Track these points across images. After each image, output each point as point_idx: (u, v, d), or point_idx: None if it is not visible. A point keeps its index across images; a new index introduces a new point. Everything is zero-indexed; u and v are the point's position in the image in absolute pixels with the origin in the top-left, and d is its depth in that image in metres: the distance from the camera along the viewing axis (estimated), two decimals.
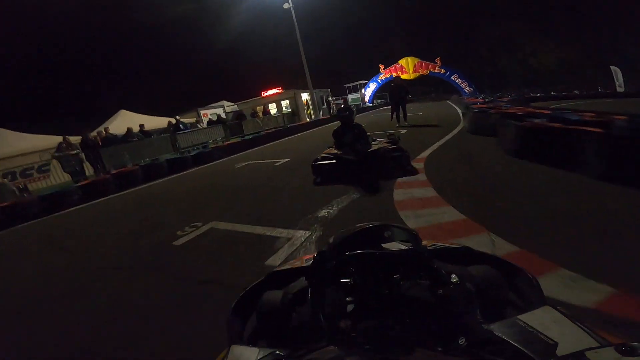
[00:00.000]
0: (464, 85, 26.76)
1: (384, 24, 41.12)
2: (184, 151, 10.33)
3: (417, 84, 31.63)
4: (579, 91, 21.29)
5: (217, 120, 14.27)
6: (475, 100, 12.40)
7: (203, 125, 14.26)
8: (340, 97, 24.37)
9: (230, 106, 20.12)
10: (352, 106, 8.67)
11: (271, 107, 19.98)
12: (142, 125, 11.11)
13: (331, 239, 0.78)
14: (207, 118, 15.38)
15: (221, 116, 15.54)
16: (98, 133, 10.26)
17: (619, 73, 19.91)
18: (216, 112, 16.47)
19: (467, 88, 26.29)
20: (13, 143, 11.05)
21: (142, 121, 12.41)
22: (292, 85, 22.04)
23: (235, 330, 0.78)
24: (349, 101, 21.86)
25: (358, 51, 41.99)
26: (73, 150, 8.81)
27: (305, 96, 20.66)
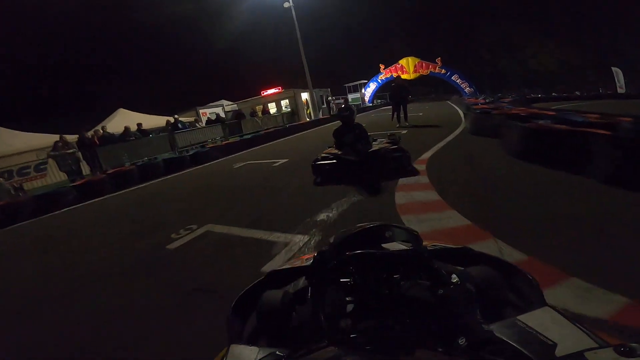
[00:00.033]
0: (465, 85, 26.72)
1: (384, 24, 41.16)
2: (182, 150, 10.22)
3: (418, 84, 31.68)
4: (580, 92, 21.29)
5: (216, 119, 14.16)
6: (476, 100, 12.34)
7: (202, 124, 14.16)
8: (340, 97, 24.21)
9: (229, 105, 20.01)
10: (353, 106, 8.60)
11: (271, 107, 19.87)
12: (140, 124, 10.98)
13: (332, 239, 0.78)
14: (206, 117, 15.29)
15: (220, 115, 15.43)
16: (95, 132, 10.16)
17: (620, 74, 19.90)
18: (215, 112, 16.36)
19: (468, 88, 26.25)
20: (10, 142, 10.92)
21: (141, 120, 12.26)
22: (292, 84, 21.91)
23: (235, 329, 0.77)
24: (349, 101, 21.73)
25: (358, 51, 42.03)
26: (69, 149, 8.72)
27: (305, 96, 20.54)
